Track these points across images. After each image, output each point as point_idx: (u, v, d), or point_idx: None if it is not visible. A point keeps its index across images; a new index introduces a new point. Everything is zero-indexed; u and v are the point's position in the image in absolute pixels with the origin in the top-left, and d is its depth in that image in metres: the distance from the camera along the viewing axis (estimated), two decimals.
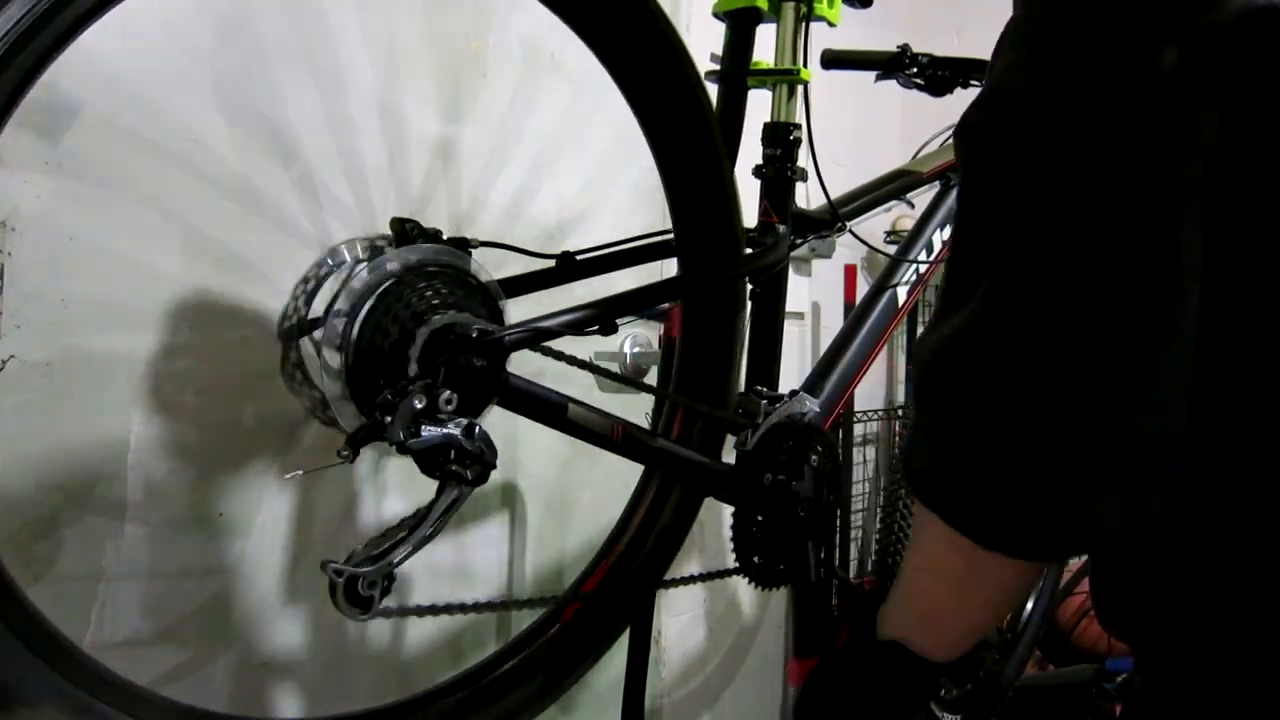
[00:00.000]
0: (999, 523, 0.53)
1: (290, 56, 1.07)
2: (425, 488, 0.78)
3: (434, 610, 0.83)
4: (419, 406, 0.70)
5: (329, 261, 0.89)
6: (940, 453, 0.54)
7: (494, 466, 0.75)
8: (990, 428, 0.51)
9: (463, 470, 0.72)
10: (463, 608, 0.86)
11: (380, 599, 0.72)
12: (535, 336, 0.78)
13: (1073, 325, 0.48)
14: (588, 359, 1.03)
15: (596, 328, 0.82)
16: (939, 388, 0.54)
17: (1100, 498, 0.50)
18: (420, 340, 0.73)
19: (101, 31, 0.64)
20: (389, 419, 0.68)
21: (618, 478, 1.13)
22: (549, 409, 0.83)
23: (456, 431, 0.72)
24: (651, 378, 1.34)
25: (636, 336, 1.47)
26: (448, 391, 0.71)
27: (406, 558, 0.73)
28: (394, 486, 1.19)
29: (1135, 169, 0.46)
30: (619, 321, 0.83)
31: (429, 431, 0.70)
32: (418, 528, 0.74)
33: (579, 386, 0.96)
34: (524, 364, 0.84)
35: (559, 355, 0.83)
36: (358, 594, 0.70)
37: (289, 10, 1.07)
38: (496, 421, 0.81)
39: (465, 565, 1.30)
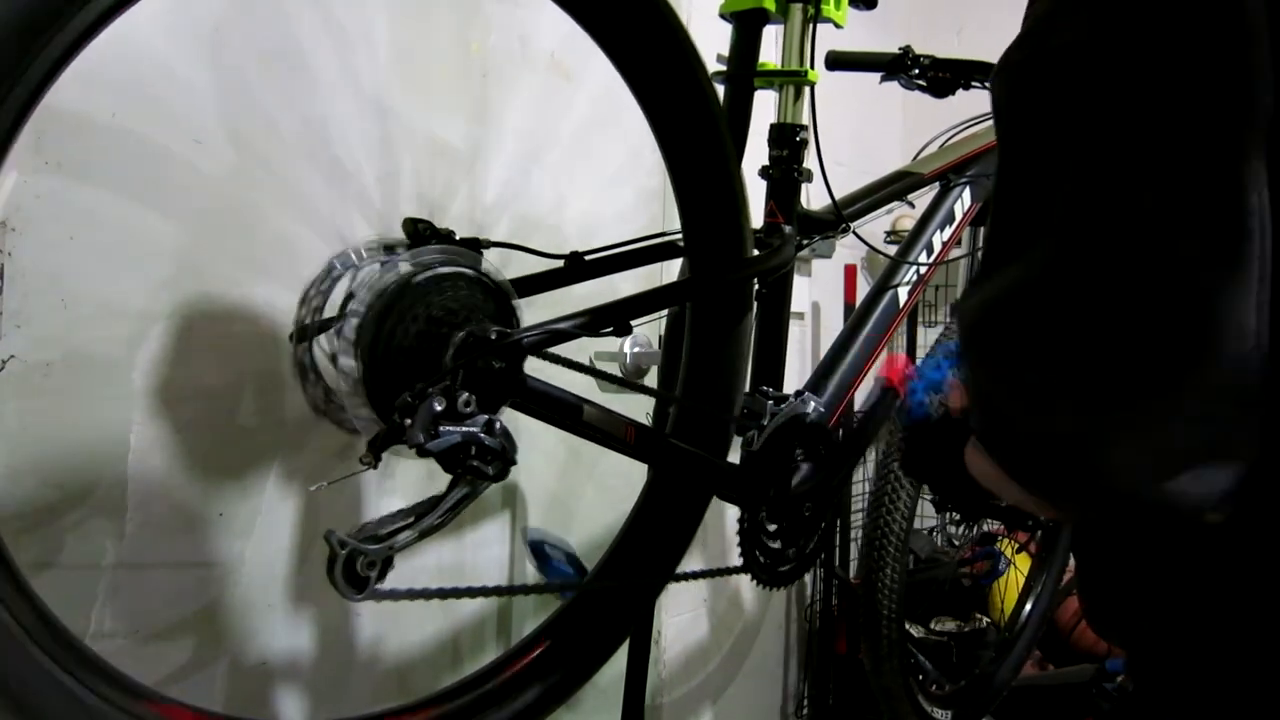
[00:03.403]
0: (1066, 488, 0.51)
1: (293, 57, 1.06)
2: (427, 488, 0.77)
3: (425, 594, 0.79)
4: (438, 409, 0.69)
5: (339, 263, 0.88)
6: (994, 411, 0.52)
7: (514, 462, 0.74)
8: (1062, 390, 0.47)
9: (483, 466, 0.71)
10: (456, 591, 0.82)
11: (376, 582, 0.70)
12: (552, 338, 0.77)
13: (1151, 272, 0.45)
14: (588, 359, 1.03)
15: (612, 329, 0.81)
16: (996, 345, 0.51)
17: (1177, 466, 0.47)
18: (451, 344, 0.73)
19: (103, 30, 0.62)
20: (408, 422, 0.67)
21: (619, 478, 1.13)
22: (565, 410, 0.82)
23: (476, 429, 0.71)
24: (652, 377, 1.34)
25: (637, 336, 1.46)
26: (466, 393, 0.71)
27: (409, 544, 0.72)
28: (398, 487, 1.18)
29: (1201, 95, 0.44)
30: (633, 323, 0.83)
31: (448, 432, 0.70)
32: (425, 516, 0.73)
33: (571, 386, 0.95)
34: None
35: (559, 360, 0.82)
36: (355, 572, 0.69)
37: (290, 12, 1.06)
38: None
39: (466, 565, 1.30)
